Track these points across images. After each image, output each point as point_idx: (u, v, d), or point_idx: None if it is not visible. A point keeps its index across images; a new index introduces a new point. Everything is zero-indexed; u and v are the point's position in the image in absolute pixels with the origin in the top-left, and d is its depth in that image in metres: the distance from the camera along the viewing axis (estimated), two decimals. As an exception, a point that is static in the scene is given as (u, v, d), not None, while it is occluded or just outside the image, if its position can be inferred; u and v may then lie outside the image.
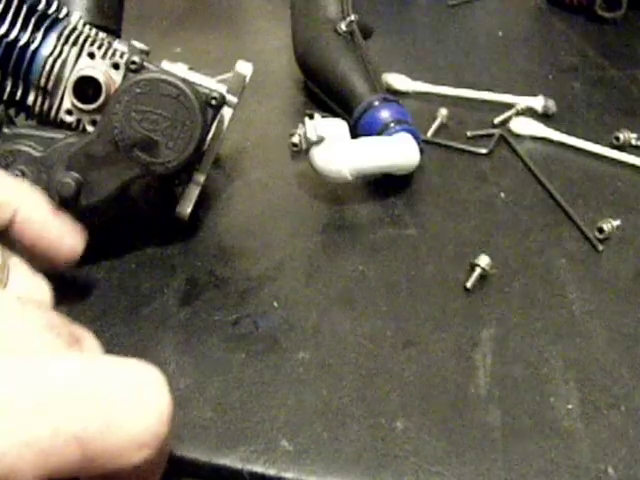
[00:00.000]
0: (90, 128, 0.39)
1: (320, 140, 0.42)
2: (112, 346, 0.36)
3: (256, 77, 0.43)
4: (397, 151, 0.44)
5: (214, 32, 0.66)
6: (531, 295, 0.39)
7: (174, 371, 0.35)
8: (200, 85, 0.39)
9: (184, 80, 0.37)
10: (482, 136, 0.51)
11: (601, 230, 0.43)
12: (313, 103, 0.54)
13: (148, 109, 0.36)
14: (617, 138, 0.50)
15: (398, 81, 0.55)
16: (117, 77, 0.39)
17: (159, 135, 0.36)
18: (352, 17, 0.52)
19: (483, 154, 0.49)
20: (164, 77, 0.36)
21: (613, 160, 0.49)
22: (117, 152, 0.36)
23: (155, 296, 0.39)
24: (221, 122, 0.41)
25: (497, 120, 0.52)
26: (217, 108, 0.39)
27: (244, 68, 0.42)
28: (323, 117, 0.44)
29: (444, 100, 0.55)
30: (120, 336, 0.37)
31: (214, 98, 0.39)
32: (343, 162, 0.42)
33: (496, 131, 0.51)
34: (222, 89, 0.40)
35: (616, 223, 0.43)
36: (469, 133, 0.51)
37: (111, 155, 0.36)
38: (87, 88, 0.37)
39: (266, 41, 0.63)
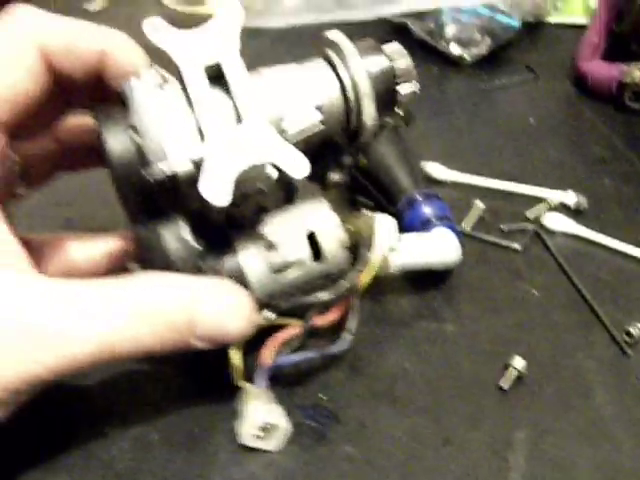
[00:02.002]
0: None
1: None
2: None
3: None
4: (439, 249, 0.46)
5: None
6: (562, 397, 0.42)
7: (229, 460, 0.38)
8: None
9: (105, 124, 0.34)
10: (516, 230, 0.53)
11: (629, 334, 0.45)
12: (359, 191, 0.56)
13: None
14: (645, 237, 0.53)
15: (436, 170, 0.58)
16: None
17: None
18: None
19: (517, 250, 0.52)
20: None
21: (641, 260, 0.51)
22: None
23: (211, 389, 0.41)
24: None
25: (530, 214, 0.55)
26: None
27: None
28: (369, 208, 0.47)
29: (479, 190, 0.57)
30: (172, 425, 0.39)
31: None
32: (389, 259, 0.45)
33: (530, 226, 0.53)
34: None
35: (644, 327, 0.45)
36: (504, 227, 0.53)
37: None
38: None
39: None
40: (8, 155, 0.34)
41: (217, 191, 0.31)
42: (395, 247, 0.43)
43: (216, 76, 0.34)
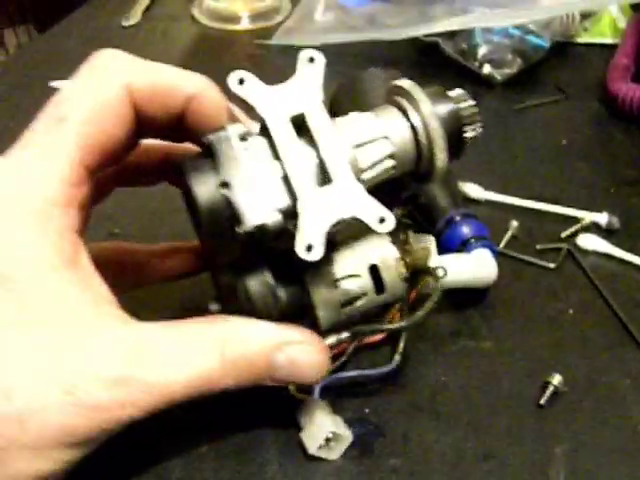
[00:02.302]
0: None
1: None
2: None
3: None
4: (478, 269, 0.48)
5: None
6: (599, 414, 0.43)
7: (277, 472, 0.39)
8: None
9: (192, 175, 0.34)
10: (550, 249, 0.55)
11: (663, 353, 0.46)
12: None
13: None
14: (677, 257, 0.54)
15: (473, 190, 0.59)
16: None
17: None
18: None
19: (551, 268, 0.53)
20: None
21: (673, 280, 0.53)
22: None
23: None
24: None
25: (564, 234, 0.56)
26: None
27: None
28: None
29: (514, 210, 0.59)
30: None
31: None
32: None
33: (564, 246, 0.55)
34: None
35: (677, 346, 0.47)
36: (538, 246, 0.55)
37: None
38: None
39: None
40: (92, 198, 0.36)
41: (311, 248, 0.32)
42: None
43: (298, 125, 0.35)
